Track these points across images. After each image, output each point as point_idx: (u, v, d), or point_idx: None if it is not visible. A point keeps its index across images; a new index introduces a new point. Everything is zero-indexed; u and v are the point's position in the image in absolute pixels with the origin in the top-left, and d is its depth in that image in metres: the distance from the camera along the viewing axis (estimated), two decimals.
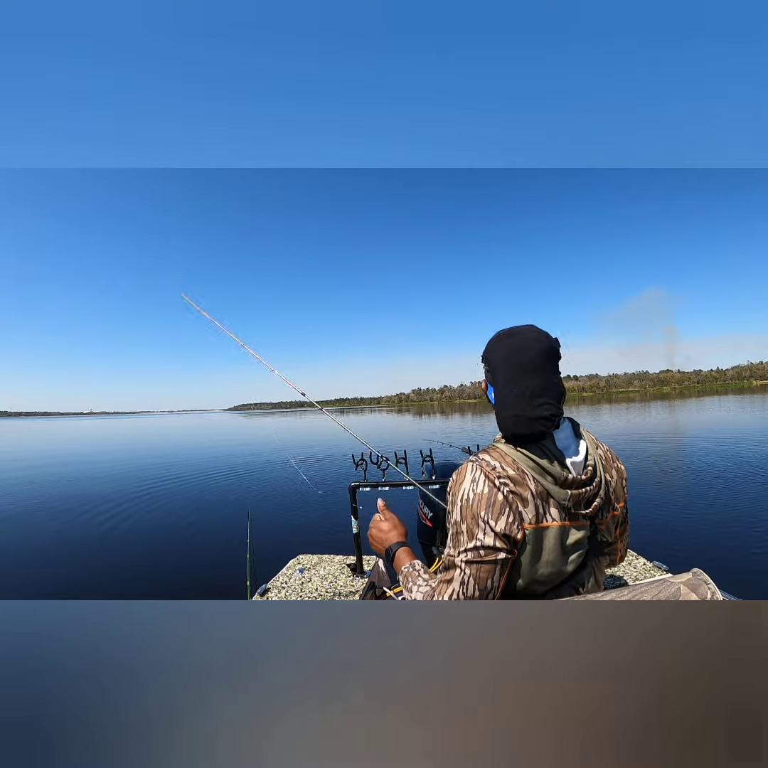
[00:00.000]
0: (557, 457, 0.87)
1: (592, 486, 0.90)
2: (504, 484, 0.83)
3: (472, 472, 0.86)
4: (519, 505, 0.83)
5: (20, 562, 4.95)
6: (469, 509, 0.84)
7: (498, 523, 0.82)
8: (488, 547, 0.82)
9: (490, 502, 0.83)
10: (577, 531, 0.88)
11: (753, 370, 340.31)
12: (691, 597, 0.72)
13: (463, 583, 0.83)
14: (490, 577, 0.82)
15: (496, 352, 0.94)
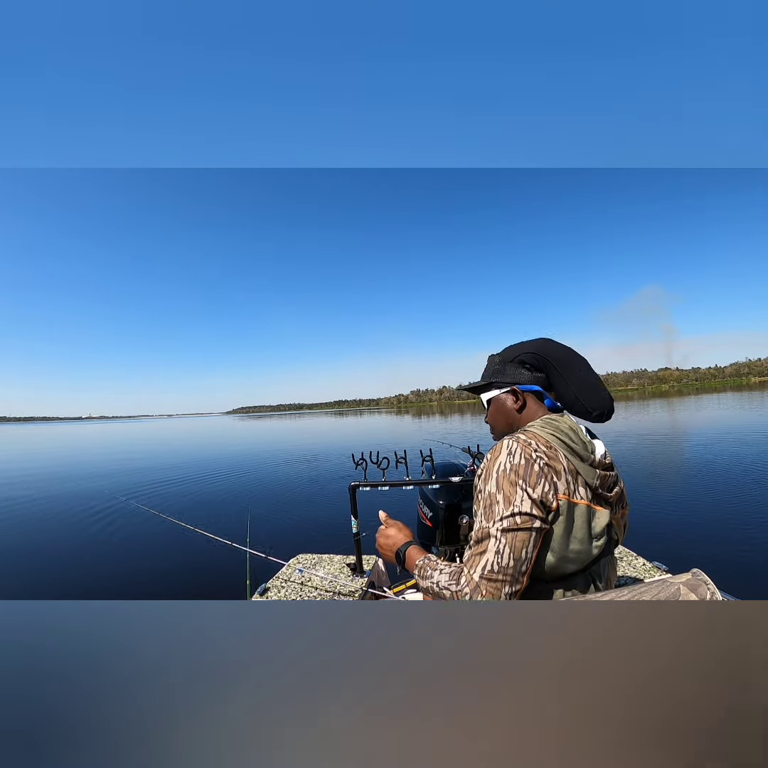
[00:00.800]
0: (584, 442, 0.97)
1: (613, 473, 1.01)
2: (539, 457, 0.88)
3: (509, 446, 0.91)
4: (554, 476, 0.88)
5: (20, 562, 4.95)
6: (506, 478, 0.86)
7: (535, 490, 0.85)
8: (525, 513, 0.83)
9: (527, 471, 0.86)
10: (601, 515, 0.93)
11: (751, 367, 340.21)
12: (690, 597, 0.72)
13: (498, 552, 0.82)
14: (525, 546, 0.83)
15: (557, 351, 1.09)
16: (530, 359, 1.08)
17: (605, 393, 1.04)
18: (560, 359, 1.07)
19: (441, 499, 2.37)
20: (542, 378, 1.08)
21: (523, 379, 1.08)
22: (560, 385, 1.07)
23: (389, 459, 2.01)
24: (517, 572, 0.82)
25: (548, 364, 1.07)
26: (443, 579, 0.90)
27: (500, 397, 1.11)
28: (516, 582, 0.82)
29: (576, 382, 1.05)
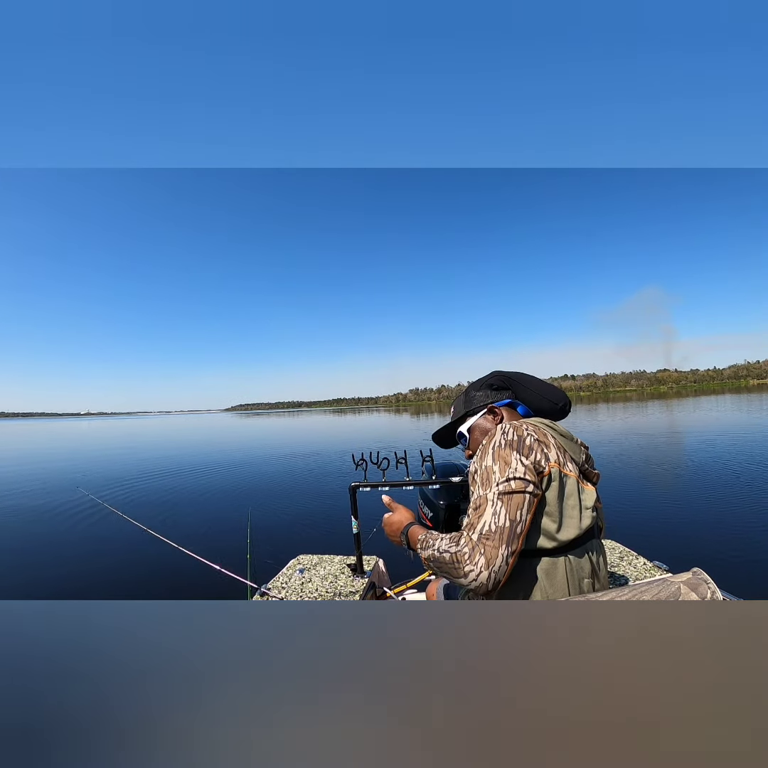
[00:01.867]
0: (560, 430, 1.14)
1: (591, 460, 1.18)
2: (530, 434, 1.00)
3: (503, 428, 1.03)
4: (544, 447, 0.99)
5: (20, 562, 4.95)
6: (501, 450, 0.97)
7: (528, 458, 0.95)
8: (519, 478, 0.91)
9: (520, 444, 0.97)
10: (589, 492, 1.03)
11: (750, 369, 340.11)
12: (691, 596, 0.72)
13: (495, 513, 0.88)
14: (520, 509, 0.89)
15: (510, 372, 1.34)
16: (495, 381, 1.31)
17: (559, 389, 1.27)
18: (516, 376, 1.31)
19: (441, 499, 2.37)
20: (509, 393, 1.30)
21: (495, 398, 1.29)
22: (526, 393, 1.29)
23: (389, 459, 2.01)
24: (512, 532, 0.87)
25: (510, 381, 1.31)
26: (443, 543, 0.95)
27: (479, 421, 1.28)
28: (512, 542, 0.86)
29: (536, 386, 1.28)
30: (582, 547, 0.98)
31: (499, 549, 0.84)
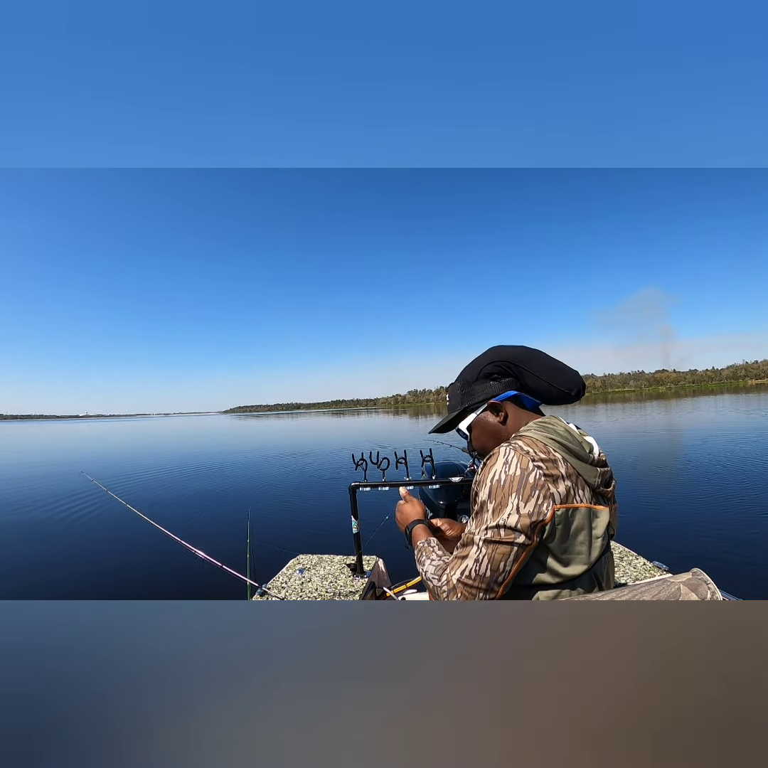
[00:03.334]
0: (580, 441, 0.97)
1: (608, 468, 1.01)
2: (537, 467, 0.86)
3: (505, 455, 0.88)
4: (551, 486, 0.85)
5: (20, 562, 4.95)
6: (500, 489, 0.85)
7: (527, 505, 0.83)
8: (510, 527, 0.82)
9: (521, 484, 0.84)
10: (602, 515, 0.92)
11: (748, 369, 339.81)
12: (691, 597, 0.72)
13: (477, 561, 0.84)
14: (504, 559, 0.83)
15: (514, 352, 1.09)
16: (493, 369, 1.07)
17: (572, 371, 1.05)
18: (520, 358, 1.06)
19: (441, 499, 2.37)
20: (512, 381, 1.07)
21: (496, 390, 1.06)
22: (531, 380, 1.05)
23: (389, 459, 2.01)
24: (492, 582, 0.84)
25: (512, 366, 1.06)
26: (430, 570, 0.95)
27: (479, 418, 1.08)
28: (490, 591, 0.84)
29: (543, 370, 1.04)
30: (589, 574, 0.90)
31: (476, 596, 0.84)
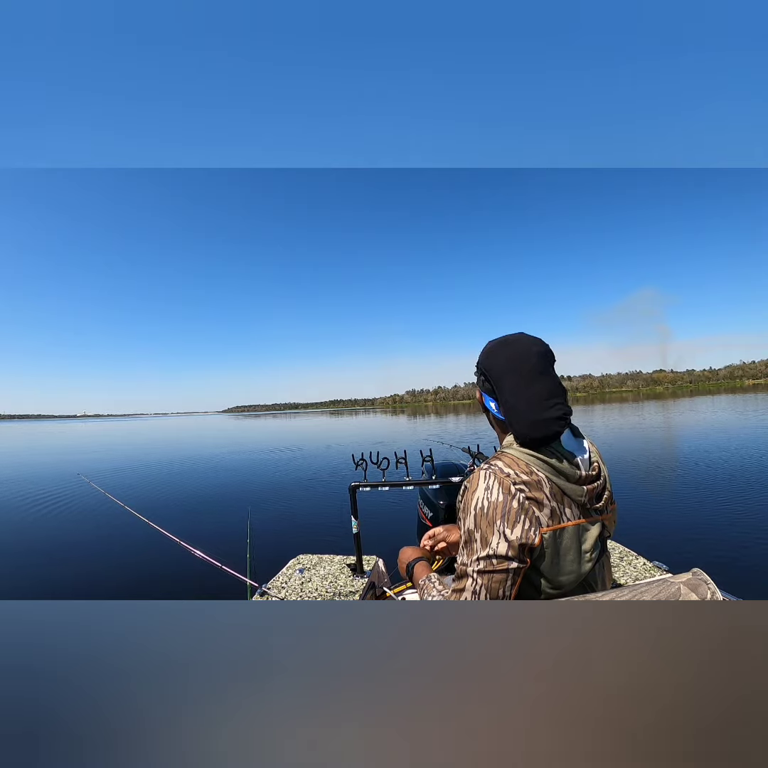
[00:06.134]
0: (566, 457, 0.89)
1: (600, 480, 0.94)
2: (519, 490, 0.82)
3: (486, 479, 0.84)
4: (535, 510, 0.82)
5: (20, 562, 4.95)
6: (484, 517, 0.82)
7: (514, 530, 0.81)
8: (501, 556, 0.81)
9: (505, 510, 0.81)
10: (592, 527, 0.89)
11: (745, 369, 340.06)
12: (691, 597, 0.72)
13: (475, 593, 0.82)
14: (501, 587, 0.82)
15: (497, 360, 0.95)
16: (482, 369, 0.99)
17: (543, 413, 0.87)
18: (497, 375, 0.93)
19: (441, 499, 2.36)
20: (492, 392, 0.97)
21: (485, 389, 0.99)
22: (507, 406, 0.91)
23: (389, 459, 2.01)
24: None
25: (489, 378, 0.96)
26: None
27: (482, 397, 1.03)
28: None
29: (507, 402, 0.91)
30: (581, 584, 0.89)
31: None
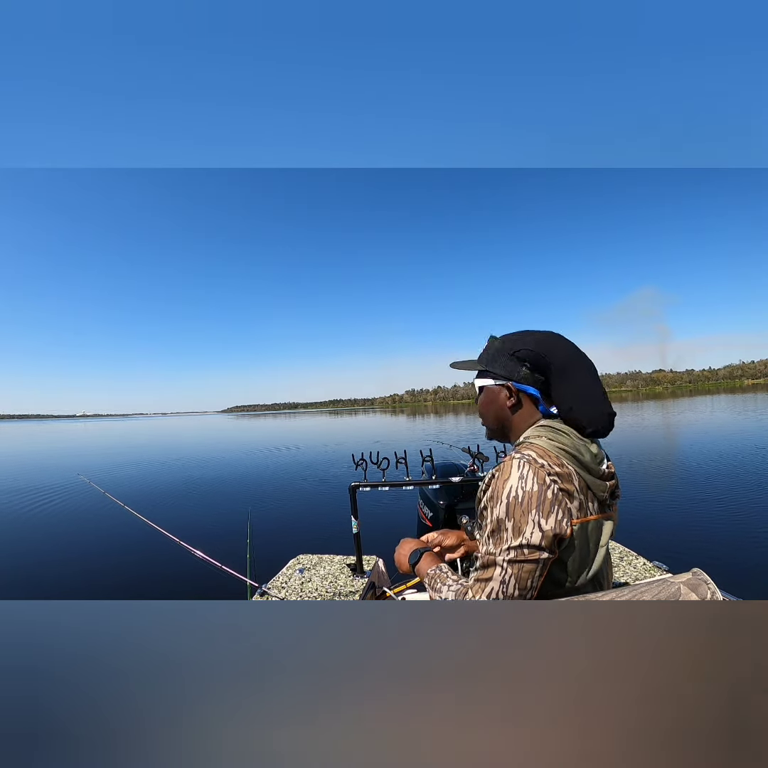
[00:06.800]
0: (590, 452, 0.92)
1: (615, 480, 0.97)
2: (554, 481, 0.83)
3: (520, 468, 0.84)
4: (567, 501, 0.83)
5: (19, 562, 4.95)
6: (518, 506, 0.82)
7: (548, 520, 0.81)
8: (534, 546, 0.81)
9: (540, 499, 0.81)
10: (607, 525, 0.91)
11: (745, 369, 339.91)
12: (691, 596, 0.72)
13: (504, 582, 0.82)
14: (531, 577, 0.82)
15: (557, 350, 0.98)
16: (530, 357, 0.97)
17: (606, 408, 0.94)
18: (562, 363, 0.96)
19: (441, 499, 2.36)
20: (540, 381, 0.98)
21: (521, 377, 0.98)
22: (557, 392, 0.97)
23: (389, 459, 2.01)
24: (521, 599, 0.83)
25: (548, 367, 0.97)
26: (450, 597, 0.94)
27: (493, 389, 1.02)
28: None
29: (574, 391, 0.95)
30: (592, 581, 0.91)
31: None
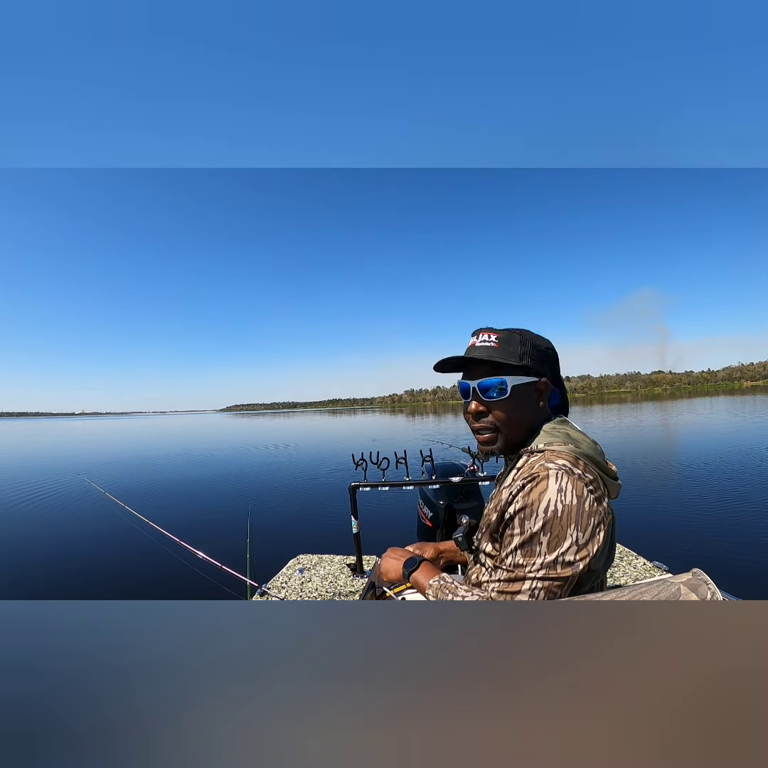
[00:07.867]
0: (601, 452, 0.93)
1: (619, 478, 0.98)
2: (590, 491, 0.81)
3: (558, 480, 0.81)
4: (601, 510, 0.82)
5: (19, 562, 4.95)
6: (557, 521, 0.79)
7: (585, 533, 0.79)
8: (568, 562, 0.79)
9: (579, 513, 0.79)
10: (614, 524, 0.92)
11: (744, 371, 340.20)
12: (691, 597, 0.72)
13: (533, 597, 0.80)
14: (560, 589, 0.80)
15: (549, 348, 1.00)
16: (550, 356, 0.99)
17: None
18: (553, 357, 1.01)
19: (441, 499, 2.37)
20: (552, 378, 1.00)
21: (551, 375, 0.98)
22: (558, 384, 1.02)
23: (389, 459, 2.01)
24: None
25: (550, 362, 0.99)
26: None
27: (526, 388, 0.94)
28: None
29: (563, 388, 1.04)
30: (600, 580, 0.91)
31: None
